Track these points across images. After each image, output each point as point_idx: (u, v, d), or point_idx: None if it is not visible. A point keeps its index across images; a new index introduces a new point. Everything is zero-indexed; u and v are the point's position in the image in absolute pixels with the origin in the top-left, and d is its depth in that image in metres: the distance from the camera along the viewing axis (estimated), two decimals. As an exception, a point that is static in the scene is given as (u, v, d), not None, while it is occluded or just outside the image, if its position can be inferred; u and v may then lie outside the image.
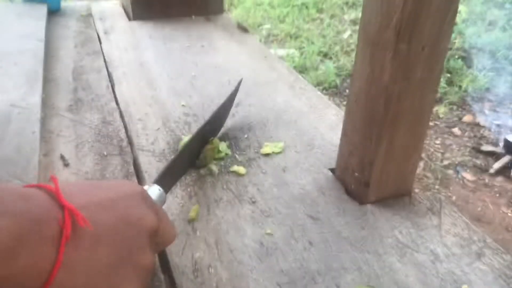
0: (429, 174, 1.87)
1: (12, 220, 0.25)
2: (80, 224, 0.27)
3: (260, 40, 2.96)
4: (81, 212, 0.28)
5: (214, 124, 0.65)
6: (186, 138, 0.67)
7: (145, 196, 0.36)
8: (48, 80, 0.85)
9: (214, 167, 0.62)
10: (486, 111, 2.32)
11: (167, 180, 0.49)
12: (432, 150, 2.01)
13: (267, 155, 0.65)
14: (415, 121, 0.52)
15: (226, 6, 3.43)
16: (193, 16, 1.24)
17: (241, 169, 0.61)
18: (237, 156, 0.65)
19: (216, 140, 0.64)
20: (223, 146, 0.65)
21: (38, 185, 0.29)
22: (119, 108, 0.77)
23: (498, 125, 2.19)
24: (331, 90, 2.50)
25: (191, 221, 0.52)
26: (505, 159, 1.88)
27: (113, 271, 0.29)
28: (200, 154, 0.61)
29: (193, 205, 0.55)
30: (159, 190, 0.45)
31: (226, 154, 0.65)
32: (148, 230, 0.33)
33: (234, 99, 0.74)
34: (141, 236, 0.32)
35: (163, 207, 0.44)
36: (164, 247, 0.40)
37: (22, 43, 0.96)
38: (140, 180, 0.60)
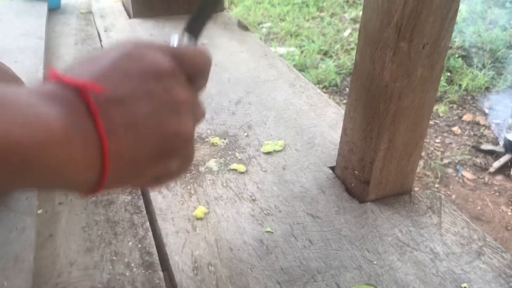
0: (429, 173, 1.88)
1: (58, 116, 0.25)
2: (98, 91, 0.27)
3: (261, 38, 2.95)
4: (96, 84, 0.28)
5: None
6: None
7: (147, 45, 0.34)
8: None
9: (214, 165, 0.62)
10: (486, 110, 2.32)
11: (195, 26, 0.48)
12: (432, 148, 2.01)
13: (267, 153, 0.65)
14: (416, 119, 0.52)
15: (226, 4, 3.43)
16: (194, 14, 1.24)
17: (241, 167, 0.61)
18: (237, 154, 0.65)
19: None
20: None
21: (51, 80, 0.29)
22: (119, 106, 0.77)
23: (498, 124, 2.19)
24: (331, 89, 2.50)
25: (197, 219, 0.53)
26: (505, 158, 1.88)
27: (153, 118, 0.30)
28: None
29: (193, 203, 0.55)
30: (186, 36, 0.44)
31: None
32: (163, 70, 0.32)
33: None
34: (161, 78, 0.32)
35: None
36: (201, 74, 0.38)
37: (23, 41, 0.96)
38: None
